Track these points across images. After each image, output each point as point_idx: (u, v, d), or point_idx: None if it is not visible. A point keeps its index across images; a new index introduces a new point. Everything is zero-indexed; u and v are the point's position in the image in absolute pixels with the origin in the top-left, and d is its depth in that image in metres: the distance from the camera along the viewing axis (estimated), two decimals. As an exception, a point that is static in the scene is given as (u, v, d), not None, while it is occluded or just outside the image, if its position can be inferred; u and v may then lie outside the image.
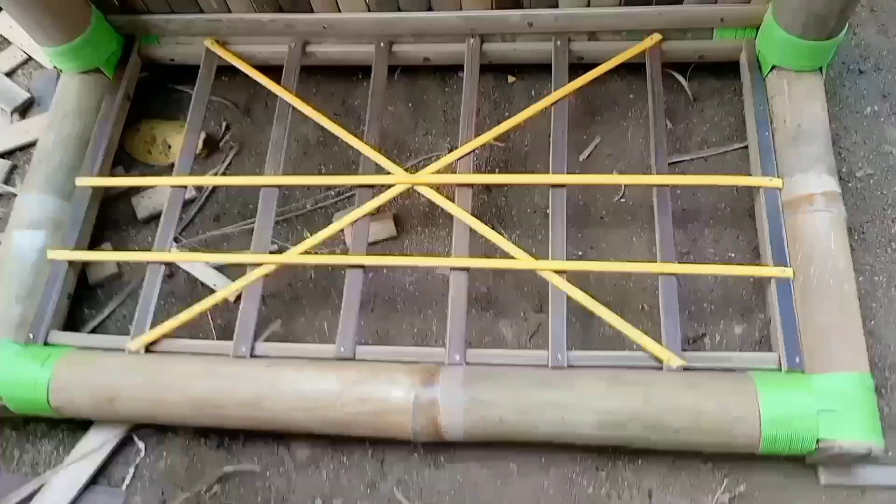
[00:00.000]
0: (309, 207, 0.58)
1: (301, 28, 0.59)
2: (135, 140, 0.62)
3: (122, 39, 0.62)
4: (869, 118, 0.57)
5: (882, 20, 0.61)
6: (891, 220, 0.53)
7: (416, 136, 0.61)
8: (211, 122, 0.62)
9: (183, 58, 0.62)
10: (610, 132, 0.59)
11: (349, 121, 0.60)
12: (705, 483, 0.45)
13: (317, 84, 0.64)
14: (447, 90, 0.62)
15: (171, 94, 0.64)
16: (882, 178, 0.54)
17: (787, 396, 0.42)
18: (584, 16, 0.56)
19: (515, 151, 0.59)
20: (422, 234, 0.56)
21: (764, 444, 0.42)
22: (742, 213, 0.54)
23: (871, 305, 0.50)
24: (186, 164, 0.56)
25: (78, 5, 0.57)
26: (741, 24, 0.55)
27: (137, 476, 0.49)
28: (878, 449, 0.41)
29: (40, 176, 0.56)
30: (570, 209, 0.52)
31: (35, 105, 0.66)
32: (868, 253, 0.52)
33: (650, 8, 0.55)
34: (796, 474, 0.45)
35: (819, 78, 0.52)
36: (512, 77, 0.62)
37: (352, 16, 0.58)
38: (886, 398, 0.47)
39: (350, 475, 0.48)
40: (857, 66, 0.59)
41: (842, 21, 0.49)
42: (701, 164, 0.57)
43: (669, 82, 0.59)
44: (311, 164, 0.60)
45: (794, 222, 0.48)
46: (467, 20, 0.57)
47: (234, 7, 0.58)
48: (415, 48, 0.59)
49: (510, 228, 0.55)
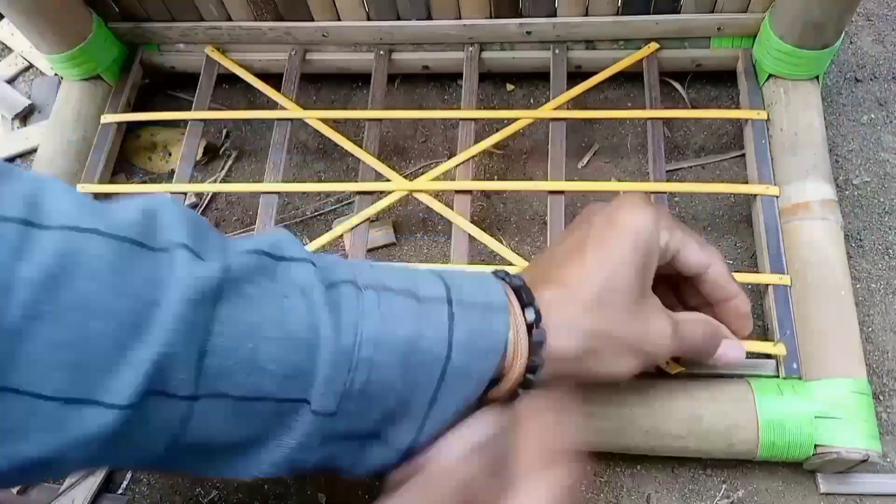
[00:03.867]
0: (308, 214, 0.58)
1: (301, 36, 0.59)
2: (135, 147, 0.63)
3: (123, 47, 0.62)
4: (866, 126, 0.57)
5: (878, 29, 0.62)
6: (888, 228, 0.53)
7: (415, 143, 0.61)
8: (211, 129, 0.63)
9: (183, 65, 0.63)
10: (608, 140, 0.59)
11: (348, 128, 0.61)
12: (703, 489, 0.45)
13: (317, 91, 0.64)
14: (446, 98, 0.63)
15: (171, 102, 0.65)
16: (879, 185, 0.55)
17: (785, 402, 0.42)
18: (582, 25, 0.56)
19: (514, 158, 0.59)
20: (421, 240, 0.56)
21: (762, 450, 0.42)
22: (740, 220, 0.54)
23: (869, 312, 0.50)
24: (186, 171, 0.56)
25: (79, 13, 0.58)
26: (738, 32, 0.56)
27: (135, 481, 0.49)
28: (876, 454, 0.41)
29: (40, 182, 0.56)
30: (568, 216, 0.52)
31: (36, 112, 0.66)
32: (865, 260, 0.52)
33: (647, 17, 0.55)
34: (794, 480, 0.45)
35: (816, 86, 0.53)
36: (511, 85, 0.62)
37: (352, 24, 0.58)
38: (884, 404, 0.47)
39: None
40: (854, 75, 0.60)
41: (838, 30, 0.49)
42: (698, 171, 0.57)
43: (667, 90, 0.60)
44: (311, 171, 0.60)
45: (791, 230, 0.48)
46: (466, 29, 0.57)
47: (234, 15, 0.59)
48: (414, 56, 0.60)
49: (509, 235, 0.56)
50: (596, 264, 0.35)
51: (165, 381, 0.27)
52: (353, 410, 0.31)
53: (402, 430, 0.33)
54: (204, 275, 0.28)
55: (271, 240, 0.32)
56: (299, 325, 0.30)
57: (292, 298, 0.30)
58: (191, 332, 0.28)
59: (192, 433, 0.29)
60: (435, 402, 0.32)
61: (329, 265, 0.33)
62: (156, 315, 0.27)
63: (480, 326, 0.32)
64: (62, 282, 0.26)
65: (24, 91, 0.67)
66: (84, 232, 0.27)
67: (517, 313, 0.33)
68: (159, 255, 0.28)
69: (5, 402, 0.26)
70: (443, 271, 0.35)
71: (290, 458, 0.31)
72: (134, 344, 0.26)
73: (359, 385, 0.30)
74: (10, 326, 0.25)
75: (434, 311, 0.32)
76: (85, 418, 0.26)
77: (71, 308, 0.26)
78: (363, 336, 0.30)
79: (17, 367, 0.25)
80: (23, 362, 0.25)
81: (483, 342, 0.32)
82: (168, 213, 0.30)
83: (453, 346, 0.32)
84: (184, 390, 0.28)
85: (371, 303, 0.31)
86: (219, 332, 0.28)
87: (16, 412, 0.26)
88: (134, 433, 0.28)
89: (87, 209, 0.28)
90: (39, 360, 0.25)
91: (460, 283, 0.34)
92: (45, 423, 0.26)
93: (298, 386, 0.30)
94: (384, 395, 0.31)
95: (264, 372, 0.29)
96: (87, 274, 0.26)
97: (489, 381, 0.33)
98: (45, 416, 0.26)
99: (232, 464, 0.32)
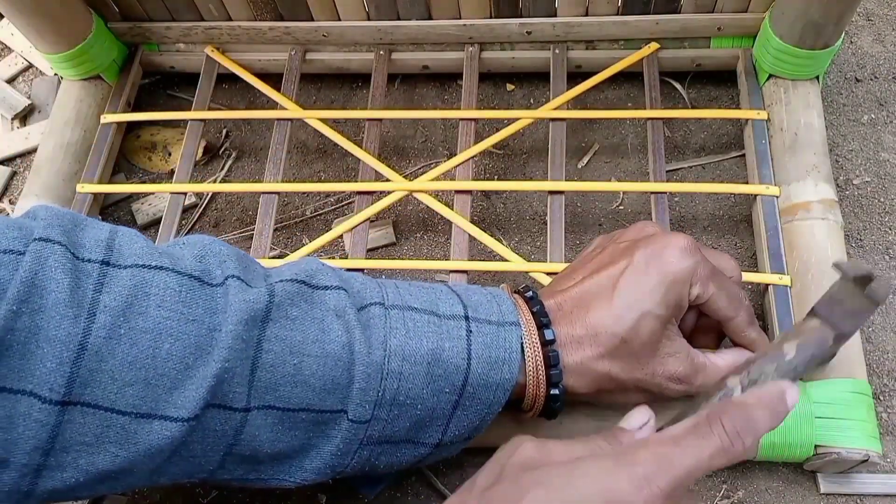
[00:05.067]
0: (308, 214, 0.58)
1: (301, 35, 0.59)
2: (135, 147, 0.63)
3: (123, 47, 0.62)
4: (866, 126, 0.57)
5: (878, 29, 0.62)
6: (888, 228, 0.53)
7: (415, 143, 0.61)
8: (210, 129, 0.63)
9: (183, 65, 0.63)
10: (608, 140, 0.59)
11: (349, 128, 0.60)
12: (703, 489, 0.45)
13: (317, 91, 0.64)
14: (446, 98, 0.62)
15: (171, 102, 0.65)
16: (879, 185, 0.55)
17: (785, 403, 0.42)
18: (582, 25, 0.56)
19: (514, 158, 0.59)
20: (421, 240, 0.56)
21: (762, 450, 0.42)
22: (740, 220, 0.54)
23: (869, 312, 0.50)
24: (186, 170, 0.56)
25: (79, 13, 0.58)
26: (738, 32, 0.56)
27: (135, 482, 0.49)
28: (876, 455, 0.41)
29: (40, 183, 0.56)
30: (568, 216, 0.52)
31: (35, 112, 0.66)
32: (865, 260, 0.52)
33: (647, 17, 0.55)
34: (794, 481, 0.45)
35: (816, 86, 0.53)
36: (511, 85, 0.62)
37: (351, 24, 0.58)
38: (884, 404, 0.47)
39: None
40: (854, 75, 0.60)
41: (838, 30, 0.49)
42: (698, 171, 0.57)
43: (667, 90, 0.60)
44: (311, 171, 0.60)
45: (791, 230, 0.48)
46: (466, 28, 0.57)
47: (234, 15, 0.59)
48: (414, 56, 0.60)
49: (509, 234, 0.56)
50: (621, 312, 0.36)
51: (224, 394, 0.31)
52: (386, 418, 0.34)
53: (430, 431, 0.36)
54: (254, 299, 0.32)
55: (307, 269, 0.36)
56: (336, 344, 0.33)
57: (329, 321, 0.34)
58: (245, 350, 0.31)
59: (243, 443, 0.33)
60: (458, 407, 0.35)
61: (359, 290, 0.36)
62: (216, 337, 0.31)
63: (495, 340, 0.35)
64: (137, 309, 0.30)
65: (23, 91, 0.67)
66: (153, 269, 0.31)
67: (532, 331, 0.36)
68: (216, 288, 0.32)
69: (85, 417, 0.29)
70: (459, 289, 0.38)
71: (331, 463, 0.35)
72: (198, 363, 0.30)
73: (389, 394, 0.34)
74: (94, 348, 0.29)
75: (453, 326, 0.35)
76: (153, 431, 0.30)
77: (144, 331, 0.30)
78: (391, 350, 0.34)
79: (98, 384, 0.29)
80: (103, 380, 0.29)
81: (497, 353, 0.35)
82: (217, 251, 0.34)
83: (472, 357, 0.35)
84: (239, 402, 0.32)
85: (397, 321, 0.35)
86: (268, 350, 0.32)
87: (93, 426, 0.29)
88: (195, 444, 0.31)
89: (154, 251, 0.32)
90: (117, 378, 0.29)
91: (477, 301, 0.37)
92: (118, 436, 0.30)
93: (336, 397, 0.33)
94: (412, 403, 0.34)
95: (307, 385, 0.33)
96: (157, 302, 0.30)
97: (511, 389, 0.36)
98: (118, 430, 0.30)
99: (277, 472, 0.35)
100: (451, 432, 0.36)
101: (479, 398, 0.35)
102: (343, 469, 0.35)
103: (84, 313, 0.28)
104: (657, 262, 0.37)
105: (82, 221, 0.32)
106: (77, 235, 0.31)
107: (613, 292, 0.36)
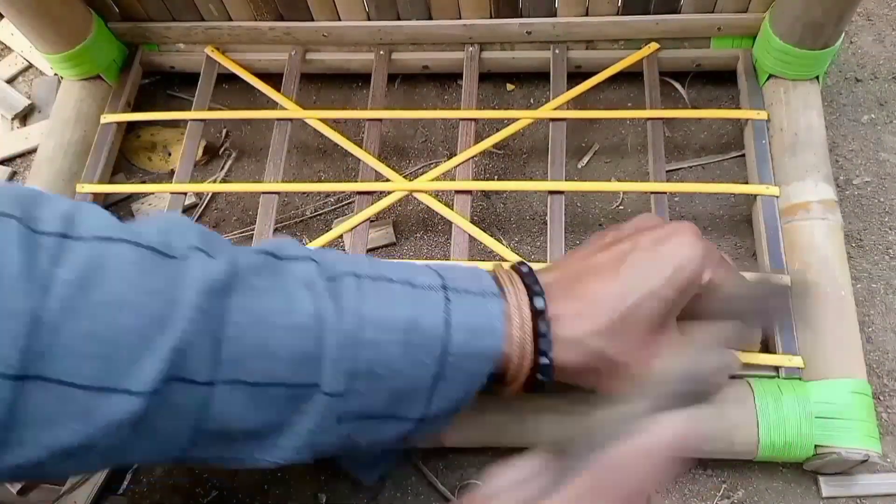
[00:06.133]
0: (308, 214, 0.58)
1: (301, 36, 0.59)
2: (135, 147, 0.63)
3: (123, 47, 0.62)
4: (866, 126, 0.57)
5: (878, 29, 0.62)
6: (888, 228, 0.53)
7: (415, 143, 0.61)
8: (211, 129, 0.63)
9: (183, 65, 0.63)
10: (608, 140, 0.59)
11: (349, 128, 0.61)
12: (703, 489, 0.45)
13: (317, 91, 0.64)
14: (446, 98, 0.63)
15: (171, 102, 0.65)
16: (879, 185, 0.55)
17: (785, 403, 0.42)
18: (582, 25, 0.56)
19: (514, 158, 0.59)
20: (421, 240, 0.56)
21: (762, 451, 0.42)
22: (740, 220, 0.54)
23: (869, 312, 0.50)
24: (186, 170, 0.56)
25: (79, 13, 0.58)
26: (738, 32, 0.56)
27: (135, 482, 0.49)
28: (876, 455, 0.41)
29: (40, 183, 0.56)
30: (568, 216, 0.52)
31: (35, 112, 0.66)
32: (865, 260, 0.52)
33: (647, 17, 0.55)
34: (794, 481, 0.45)
35: (816, 86, 0.53)
36: (511, 85, 0.62)
37: (352, 24, 0.58)
38: (884, 404, 0.47)
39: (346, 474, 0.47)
40: (854, 75, 0.60)
41: (838, 30, 0.49)
42: (698, 171, 0.57)
43: (667, 90, 0.60)
44: (311, 171, 0.60)
45: (791, 230, 0.48)
46: (466, 29, 0.57)
47: (234, 15, 0.59)
48: (414, 56, 0.60)
49: (509, 235, 0.56)
50: (625, 289, 0.35)
51: (185, 367, 0.30)
52: (363, 390, 0.33)
53: (412, 405, 0.35)
54: (216, 269, 0.31)
55: (274, 242, 0.35)
56: (304, 314, 0.32)
57: (297, 290, 0.33)
58: (206, 321, 0.30)
59: (213, 420, 0.32)
60: (441, 379, 0.34)
61: (329, 261, 0.35)
62: (176, 309, 0.30)
63: (474, 309, 0.35)
64: (94, 281, 0.29)
65: (23, 91, 0.67)
66: (113, 241, 0.30)
67: (522, 300, 0.35)
68: (178, 260, 0.31)
69: (44, 392, 0.28)
70: (438, 265, 0.37)
71: (310, 441, 0.34)
72: (157, 335, 0.29)
73: (364, 364, 0.33)
74: (49, 321, 0.28)
75: (430, 296, 0.35)
76: (113, 405, 0.29)
77: (102, 304, 0.29)
78: (365, 318, 0.33)
79: (54, 358, 0.28)
80: (60, 353, 0.28)
81: (477, 320, 0.34)
82: (181, 226, 0.33)
83: (451, 325, 0.34)
84: (202, 376, 0.31)
85: (371, 290, 0.34)
86: (232, 321, 0.31)
87: (53, 401, 0.28)
88: (159, 419, 0.30)
89: (115, 224, 0.31)
90: (75, 352, 0.28)
91: (455, 275, 0.36)
92: (78, 410, 0.29)
93: (308, 370, 0.32)
94: (390, 374, 0.33)
95: (276, 357, 0.32)
96: (116, 275, 0.29)
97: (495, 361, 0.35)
98: (78, 404, 0.29)
99: (254, 450, 0.34)
100: (436, 405, 0.35)
101: (462, 368, 0.34)
102: (324, 448, 0.34)
103: (38, 286, 0.27)
104: (665, 246, 0.36)
105: (43, 197, 0.31)
106: (35, 209, 0.30)
107: (617, 272, 0.36)
